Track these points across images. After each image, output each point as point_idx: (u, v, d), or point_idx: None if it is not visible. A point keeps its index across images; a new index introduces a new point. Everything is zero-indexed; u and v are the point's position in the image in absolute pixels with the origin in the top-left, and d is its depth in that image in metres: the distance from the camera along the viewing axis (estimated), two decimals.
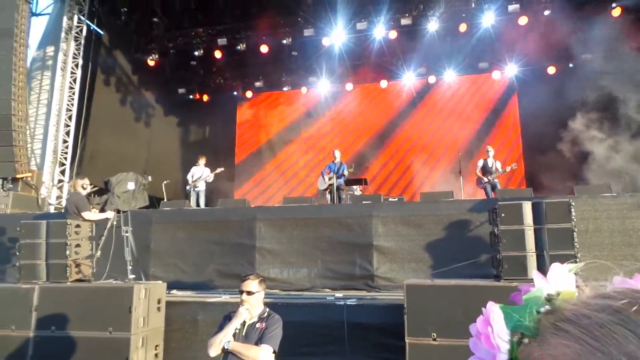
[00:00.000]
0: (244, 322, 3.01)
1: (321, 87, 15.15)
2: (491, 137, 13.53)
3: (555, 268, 0.49)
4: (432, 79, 14.29)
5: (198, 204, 10.41)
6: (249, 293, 3.03)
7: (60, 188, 11.82)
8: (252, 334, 2.97)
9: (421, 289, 4.66)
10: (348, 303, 5.42)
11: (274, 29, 13.32)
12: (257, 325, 3.01)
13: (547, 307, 0.46)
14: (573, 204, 4.61)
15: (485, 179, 9.64)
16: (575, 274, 0.49)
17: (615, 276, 0.47)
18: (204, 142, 16.45)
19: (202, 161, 10.81)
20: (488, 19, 11.83)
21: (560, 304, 0.45)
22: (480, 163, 9.91)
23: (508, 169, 9.69)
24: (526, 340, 0.45)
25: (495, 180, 9.65)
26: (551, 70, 13.27)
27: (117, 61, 13.72)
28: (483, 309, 0.49)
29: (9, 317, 5.24)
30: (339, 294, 6.22)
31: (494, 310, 0.47)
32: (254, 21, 13.35)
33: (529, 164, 13.06)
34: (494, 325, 0.46)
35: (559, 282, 0.47)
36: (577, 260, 4.44)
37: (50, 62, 12.23)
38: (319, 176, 10.76)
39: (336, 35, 12.85)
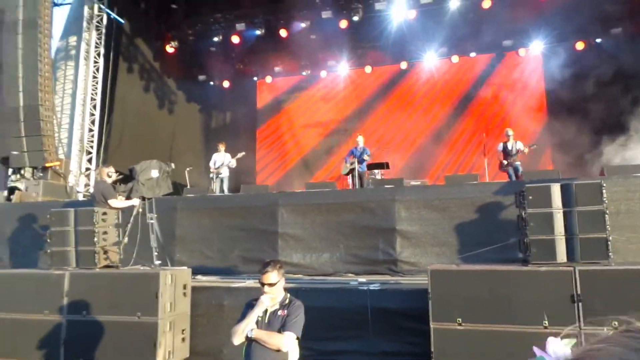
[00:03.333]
0: (266, 310, 3.02)
1: (341, 70, 14.97)
2: (517, 117, 13.16)
3: (552, 344, 0.53)
4: (455, 59, 13.93)
5: (222, 191, 10.49)
6: (271, 285, 3.03)
7: (88, 176, 12.09)
8: (275, 321, 2.98)
9: (445, 273, 4.59)
10: (371, 288, 5.41)
11: (291, 12, 13.15)
12: (279, 312, 3.01)
13: None
14: (604, 185, 4.44)
15: (506, 162, 9.41)
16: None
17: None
18: (225, 127, 16.55)
19: (222, 147, 10.86)
20: None
21: None
22: (500, 147, 9.67)
23: (526, 149, 9.34)
24: None
25: (517, 162, 9.37)
26: (579, 46, 12.75)
27: (138, 49, 13.83)
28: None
29: (42, 302, 5.42)
30: (362, 279, 6.21)
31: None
32: (272, 5, 13.21)
33: (557, 143, 12.67)
34: None
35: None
36: (609, 243, 4.29)
37: (73, 52, 12.42)
38: (342, 162, 10.71)
39: (355, 16, 12.60)
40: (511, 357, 3.83)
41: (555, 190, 4.48)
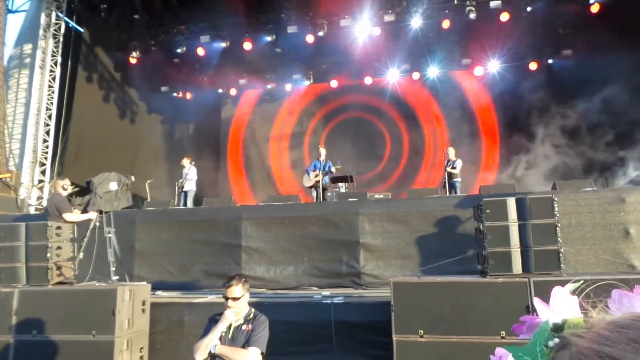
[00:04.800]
0: (230, 325, 2.98)
1: (306, 84, 15.10)
2: (473, 132, 13.66)
3: (556, 293, 0.46)
4: (415, 76, 14.34)
5: (185, 205, 10.27)
6: (235, 299, 2.99)
7: (41, 188, 11.57)
8: (239, 336, 2.94)
9: (408, 286, 4.67)
10: (335, 301, 5.42)
11: (257, 25, 13.21)
12: (243, 327, 2.97)
13: (557, 340, 0.43)
14: (556, 199, 4.66)
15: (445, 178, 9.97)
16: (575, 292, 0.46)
17: (613, 290, 0.44)
18: (188, 139, 16.28)
19: (187, 161, 10.69)
20: (470, 15, 11.88)
21: (570, 337, 0.42)
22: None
23: (448, 167, 9.94)
24: None
25: (455, 180, 9.84)
26: (532, 66, 13.42)
27: (98, 58, 13.45)
28: (491, 356, 0.45)
29: None
30: (326, 292, 6.21)
31: (504, 357, 0.44)
32: (237, 18, 13.21)
33: (510, 159, 13.19)
34: None
35: (562, 307, 0.44)
36: (561, 255, 4.50)
37: (28, 60, 11.94)
38: (304, 173, 10.74)
39: (320, 31, 12.78)
40: None
41: (511, 204, 4.66)
